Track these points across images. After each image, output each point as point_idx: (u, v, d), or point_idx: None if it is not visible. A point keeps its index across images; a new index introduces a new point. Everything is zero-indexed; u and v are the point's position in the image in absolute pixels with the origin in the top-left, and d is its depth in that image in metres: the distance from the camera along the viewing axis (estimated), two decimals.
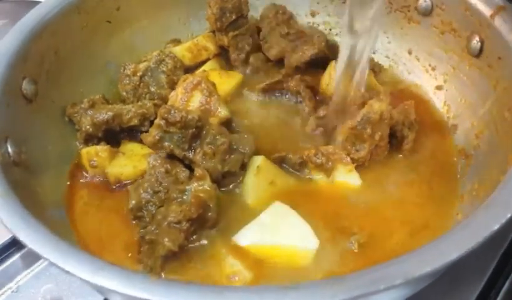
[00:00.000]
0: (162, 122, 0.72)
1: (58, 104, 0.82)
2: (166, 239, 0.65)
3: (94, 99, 0.83)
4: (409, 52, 0.92)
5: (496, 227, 0.54)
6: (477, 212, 0.57)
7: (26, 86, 0.76)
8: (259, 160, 0.75)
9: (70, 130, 0.83)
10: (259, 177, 0.74)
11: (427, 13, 0.88)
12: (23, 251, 0.81)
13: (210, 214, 0.69)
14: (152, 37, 0.96)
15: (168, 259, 0.65)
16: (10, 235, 0.81)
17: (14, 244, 0.81)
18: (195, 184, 0.69)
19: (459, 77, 0.84)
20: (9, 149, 0.69)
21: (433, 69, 0.89)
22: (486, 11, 0.78)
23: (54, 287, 0.76)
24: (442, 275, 0.65)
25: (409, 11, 0.90)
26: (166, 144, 0.72)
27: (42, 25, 0.81)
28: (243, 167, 0.75)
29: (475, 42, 0.80)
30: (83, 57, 0.87)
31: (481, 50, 0.79)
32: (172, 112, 0.72)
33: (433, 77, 0.89)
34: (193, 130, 0.72)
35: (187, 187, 0.70)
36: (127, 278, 0.51)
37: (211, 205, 0.69)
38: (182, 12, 0.99)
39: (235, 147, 0.74)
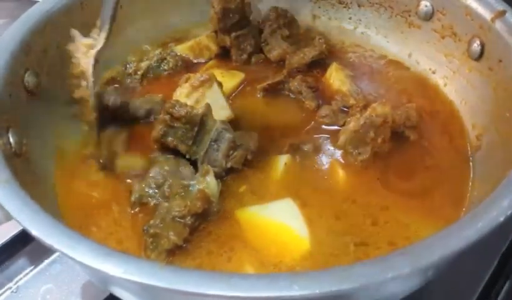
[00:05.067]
0: (167, 117, 0.72)
1: (59, 98, 0.81)
2: (171, 233, 0.65)
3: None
4: (409, 56, 0.93)
5: (502, 218, 0.55)
6: (483, 204, 0.57)
7: (28, 78, 0.76)
8: (285, 158, 0.77)
9: (71, 124, 0.81)
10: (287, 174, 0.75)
11: (427, 18, 0.89)
12: (23, 251, 0.80)
13: (213, 208, 0.69)
14: (153, 36, 0.96)
15: (171, 253, 0.65)
16: (10, 235, 0.81)
17: (14, 244, 0.81)
18: (200, 179, 0.69)
19: (459, 81, 0.85)
20: (11, 139, 0.69)
21: (433, 72, 0.90)
22: (487, 15, 0.79)
23: (53, 287, 0.76)
24: (443, 275, 0.65)
25: (409, 16, 0.92)
26: (170, 139, 0.72)
27: (46, 19, 0.81)
28: (246, 163, 0.75)
29: (475, 45, 0.81)
30: None
31: (481, 53, 0.80)
32: (177, 107, 0.72)
33: (433, 81, 0.90)
34: (198, 125, 0.72)
35: (191, 183, 0.69)
36: (135, 265, 0.50)
37: (214, 201, 0.69)
38: (184, 12, 0.99)
39: (238, 143, 0.74)
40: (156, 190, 0.71)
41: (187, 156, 0.73)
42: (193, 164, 0.74)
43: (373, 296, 0.58)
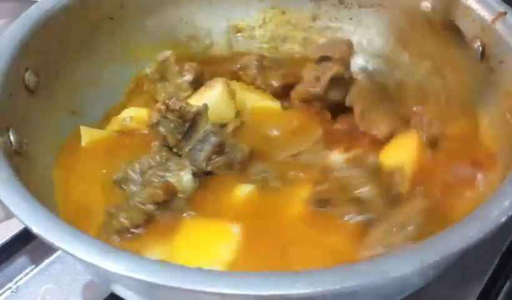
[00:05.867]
0: (163, 107, 0.73)
1: (59, 98, 0.82)
2: (123, 215, 0.67)
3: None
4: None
5: (503, 219, 0.55)
6: (484, 204, 0.57)
7: (29, 77, 0.76)
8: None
9: (71, 123, 0.82)
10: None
11: None
12: (23, 251, 0.80)
13: (179, 203, 0.71)
14: (154, 36, 0.96)
15: (124, 234, 0.67)
16: (11, 235, 0.81)
17: (14, 244, 0.81)
18: (175, 172, 0.71)
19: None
20: (11, 138, 0.69)
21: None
22: (488, 16, 0.79)
23: (53, 287, 0.76)
24: (443, 275, 0.65)
25: None
26: (161, 129, 0.73)
27: (46, 18, 0.81)
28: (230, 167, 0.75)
29: (476, 46, 0.81)
30: (85, 52, 0.87)
31: (482, 55, 0.80)
32: (174, 99, 0.73)
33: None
34: (190, 122, 0.74)
35: (166, 174, 0.71)
36: (136, 262, 0.50)
37: (182, 197, 0.71)
38: (184, 11, 0.98)
39: (226, 150, 0.75)
40: (139, 176, 0.72)
41: (174, 150, 0.74)
42: None
43: (373, 295, 0.58)
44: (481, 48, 0.80)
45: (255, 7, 1.00)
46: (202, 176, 0.74)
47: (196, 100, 0.80)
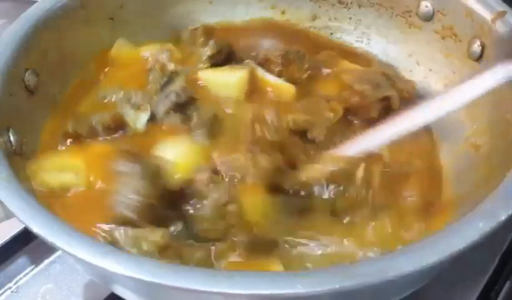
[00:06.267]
0: (153, 59, 0.84)
1: (59, 98, 0.82)
2: (72, 125, 0.76)
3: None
4: (410, 56, 0.93)
5: (503, 217, 0.55)
6: (484, 203, 0.57)
7: (29, 77, 0.76)
8: None
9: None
10: None
11: (428, 18, 0.89)
12: (23, 251, 0.80)
13: (127, 132, 0.78)
14: (154, 36, 0.95)
15: (66, 138, 0.76)
16: (11, 235, 0.80)
17: (14, 244, 0.81)
18: (136, 110, 0.78)
19: (459, 81, 0.85)
20: (11, 138, 0.69)
21: (434, 73, 0.90)
22: (487, 15, 0.79)
23: (53, 287, 0.76)
24: (443, 275, 0.65)
25: (410, 16, 0.91)
26: (150, 76, 0.83)
27: (46, 18, 0.81)
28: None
29: (476, 46, 0.81)
30: (86, 52, 0.87)
31: (481, 54, 0.80)
32: (165, 54, 0.85)
33: (433, 82, 0.90)
34: (167, 78, 0.82)
35: (130, 111, 0.79)
36: (136, 262, 0.50)
37: (131, 128, 0.78)
38: (185, 11, 0.98)
39: (188, 112, 0.79)
40: (120, 99, 0.80)
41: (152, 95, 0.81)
42: None
43: (373, 295, 0.58)
44: (480, 47, 0.81)
45: (255, 6, 1.00)
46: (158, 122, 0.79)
47: (217, 72, 0.86)
